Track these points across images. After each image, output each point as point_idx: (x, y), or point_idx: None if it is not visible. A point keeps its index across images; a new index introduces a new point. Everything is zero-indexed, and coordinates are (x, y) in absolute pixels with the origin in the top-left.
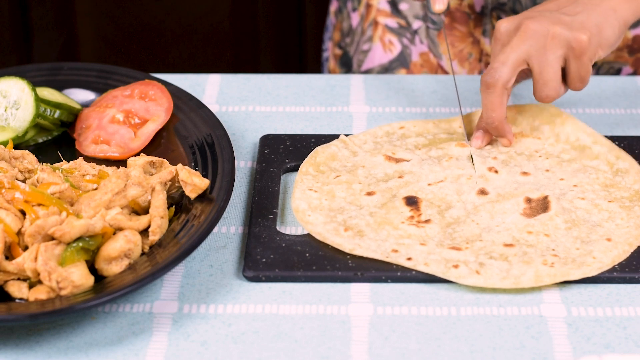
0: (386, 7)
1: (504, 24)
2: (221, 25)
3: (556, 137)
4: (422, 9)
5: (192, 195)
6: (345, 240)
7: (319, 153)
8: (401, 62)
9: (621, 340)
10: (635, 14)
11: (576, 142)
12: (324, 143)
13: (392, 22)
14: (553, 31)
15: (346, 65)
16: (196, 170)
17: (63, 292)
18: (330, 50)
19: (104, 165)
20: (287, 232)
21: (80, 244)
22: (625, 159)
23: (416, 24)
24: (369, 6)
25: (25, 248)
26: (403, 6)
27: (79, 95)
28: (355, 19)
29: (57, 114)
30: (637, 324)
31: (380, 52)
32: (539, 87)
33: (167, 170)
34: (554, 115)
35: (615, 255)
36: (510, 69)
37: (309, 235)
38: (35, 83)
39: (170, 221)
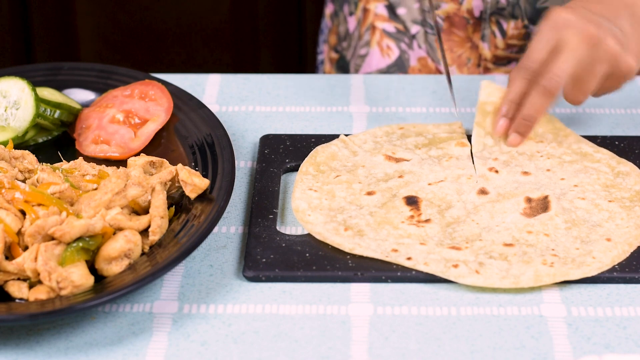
0: (384, 11)
1: (564, 14)
2: (221, 25)
3: (558, 143)
4: (421, 14)
5: (192, 195)
6: (345, 240)
7: (319, 153)
8: (399, 67)
9: (621, 340)
10: None
11: (578, 150)
12: (324, 143)
13: (390, 26)
14: (608, 47)
15: (343, 69)
16: (196, 170)
17: (63, 292)
18: (325, 54)
19: (104, 165)
20: (287, 232)
21: (80, 244)
22: (626, 165)
23: (414, 29)
24: (366, 10)
25: (25, 248)
26: (401, 11)
27: (79, 95)
28: (352, 23)
29: (57, 114)
30: (637, 324)
31: (378, 56)
32: (575, 92)
33: (167, 170)
34: (558, 129)
35: (615, 255)
36: (567, 78)
37: (309, 235)
38: (35, 83)
39: (170, 221)
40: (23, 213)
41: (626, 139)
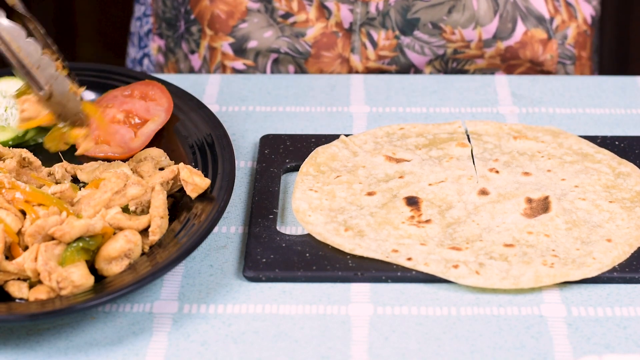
0: (229, 50)
1: None
2: None
3: (559, 145)
4: None
5: (193, 194)
6: (345, 240)
7: (320, 153)
8: None
9: (621, 340)
10: None
11: (579, 150)
12: (324, 143)
13: (239, 64)
14: None
15: None
16: None
17: (63, 292)
18: None
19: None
20: (287, 232)
21: (81, 244)
22: (627, 165)
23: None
24: (212, 49)
25: (26, 248)
26: (252, 44)
27: None
28: (196, 61)
29: None
30: (637, 324)
31: None
32: None
33: (168, 169)
34: (558, 132)
35: (615, 255)
36: None
37: (309, 235)
38: None
39: (171, 221)
40: (23, 213)
41: (626, 139)
